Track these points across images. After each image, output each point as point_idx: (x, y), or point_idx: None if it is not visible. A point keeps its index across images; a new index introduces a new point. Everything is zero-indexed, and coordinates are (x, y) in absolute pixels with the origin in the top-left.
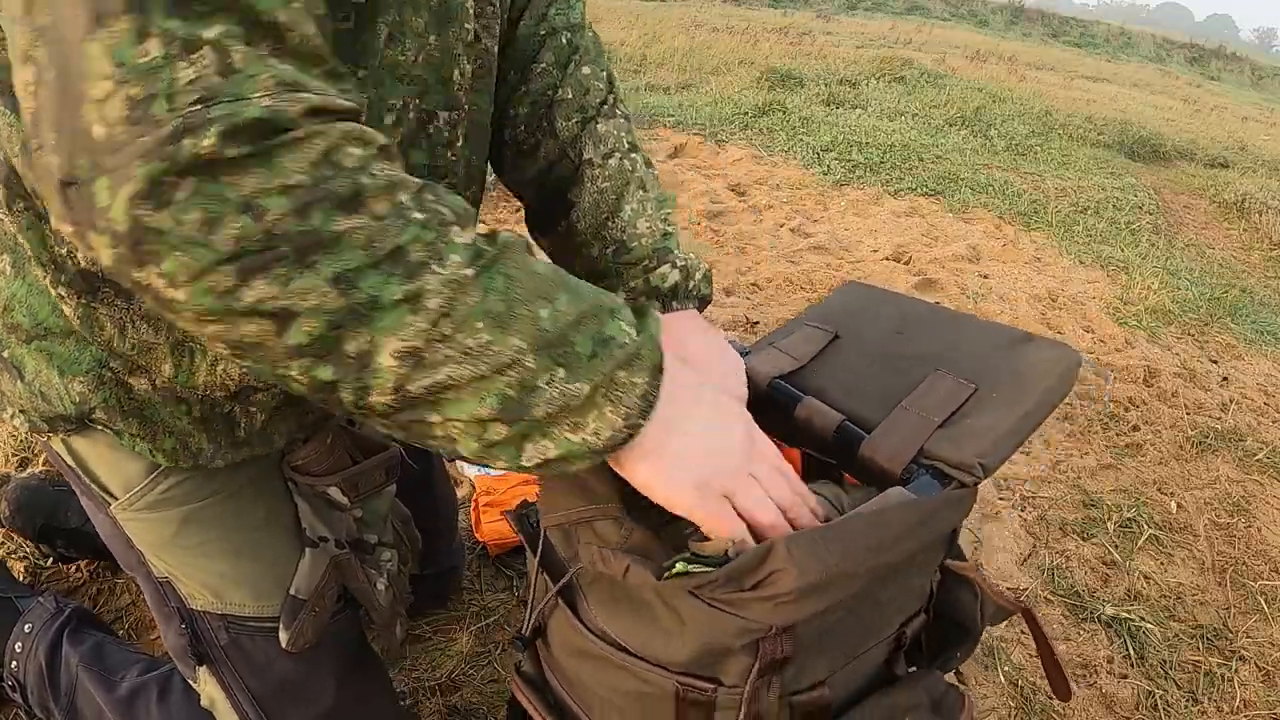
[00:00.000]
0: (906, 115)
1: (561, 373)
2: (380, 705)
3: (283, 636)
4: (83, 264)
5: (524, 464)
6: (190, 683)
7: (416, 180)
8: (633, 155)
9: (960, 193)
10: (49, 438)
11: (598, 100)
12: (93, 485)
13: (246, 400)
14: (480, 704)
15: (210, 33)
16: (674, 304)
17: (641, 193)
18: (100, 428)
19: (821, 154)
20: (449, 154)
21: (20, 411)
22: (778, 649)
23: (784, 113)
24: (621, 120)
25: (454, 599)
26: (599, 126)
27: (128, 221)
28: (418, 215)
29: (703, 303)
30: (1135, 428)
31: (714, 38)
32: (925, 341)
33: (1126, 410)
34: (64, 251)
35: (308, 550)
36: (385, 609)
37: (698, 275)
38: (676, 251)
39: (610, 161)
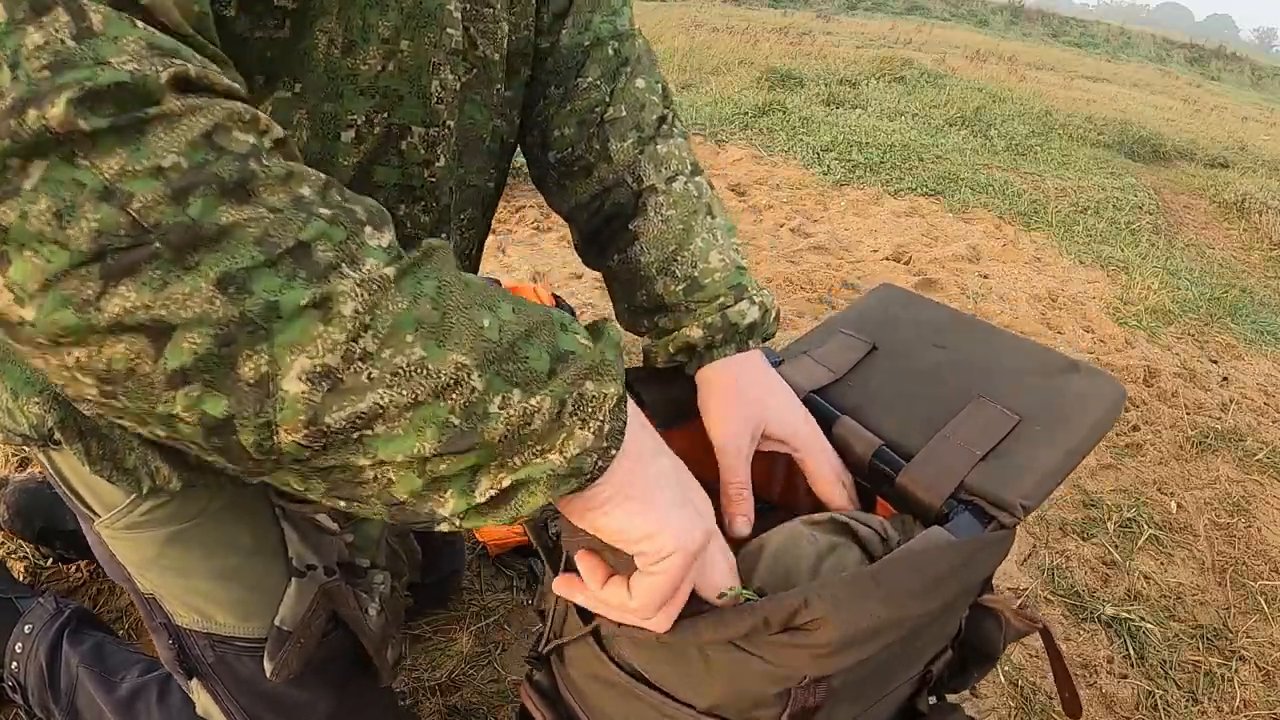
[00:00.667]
0: (906, 115)
1: (517, 393)
2: (377, 714)
3: (267, 666)
4: None
5: (476, 499)
6: (186, 691)
7: (320, 174)
8: (697, 179)
9: (960, 193)
10: (39, 451)
11: (655, 117)
12: (75, 501)
13: None
14: (480, 704)
15: None
16: (750, 343)
17: (710, 220)
18: (64, 445)
19: (821, 154)
20: (425, 173)
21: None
22: (810, 698)
23: (784, 113)
24: (681, 139)
25: (454, 599)
26: (659, 148)
27: None
28: (323, 210)
29: (767, 340)
30: (1135, 428)
31: (714, 38)
32: (965, 358)
33: (1126, 410)
34: None
35: (294, 580)
36: (376, 634)
37: (774, 312)
38: (752, 286)
39: (675, 186)
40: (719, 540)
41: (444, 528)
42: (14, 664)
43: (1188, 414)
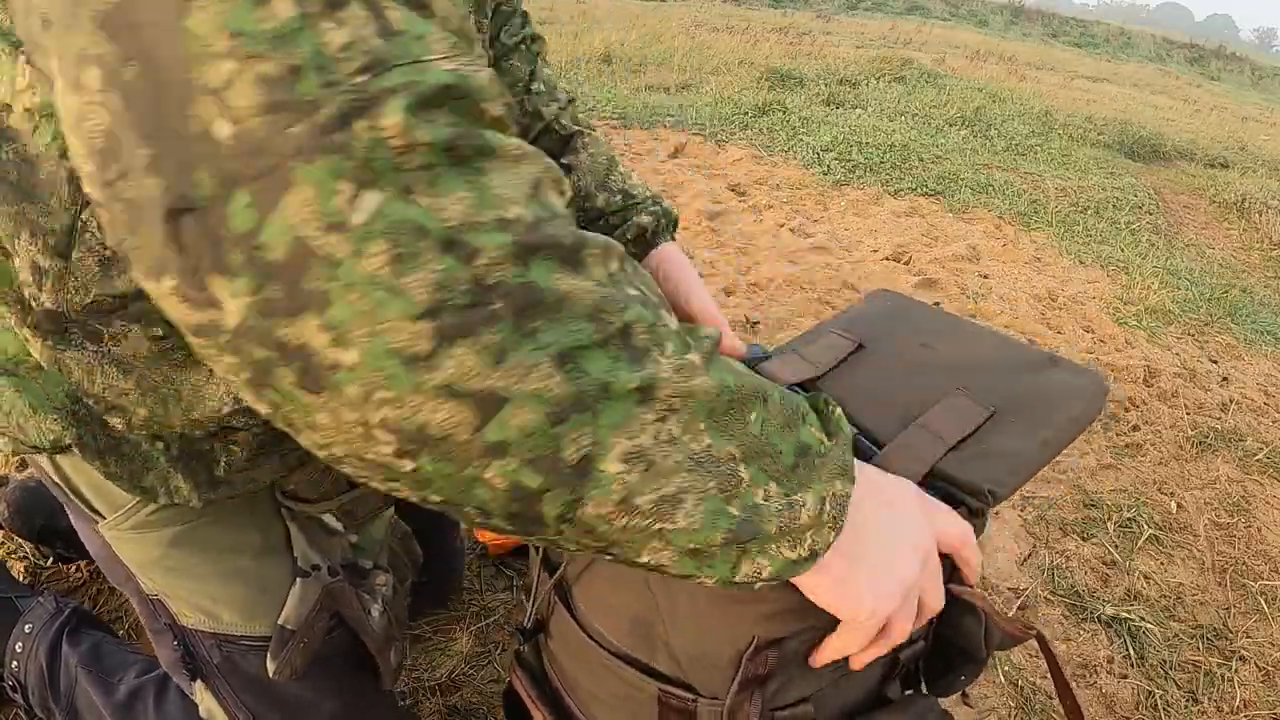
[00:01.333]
0: (906, 115)
1: (774, 486)
2: (379, 714)
3: (270, 666)
4: (48, 304)
5: (735, 580)
6: (188, 693)
7: (614, 241)
8: (598, 134)
9: (960, 193)
10: (37, 456)
11: (564, 95)
12: (79, 503)
13: (227, 439)
14: (480, 704)
15: None
16: (671, 234)
17: (618, 160)
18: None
19: (821, 154)
20: None
21: (1, 434)
22: (761, 665)
23: (784, 113)
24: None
25: (454, 600)
26: (574, 110)
27: (287, 246)
28: (632, 290)
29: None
30: (1135, 428)
31: (714, 38)
32: (949, 356)
33: (1126, 410)
34: (28, 293)
35: (299, 580)
36: (379, 635)
37: (657, 217)
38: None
39: (596, 133)
40: (933, 574)
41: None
42: (14, 664)
43: (1188, 414)
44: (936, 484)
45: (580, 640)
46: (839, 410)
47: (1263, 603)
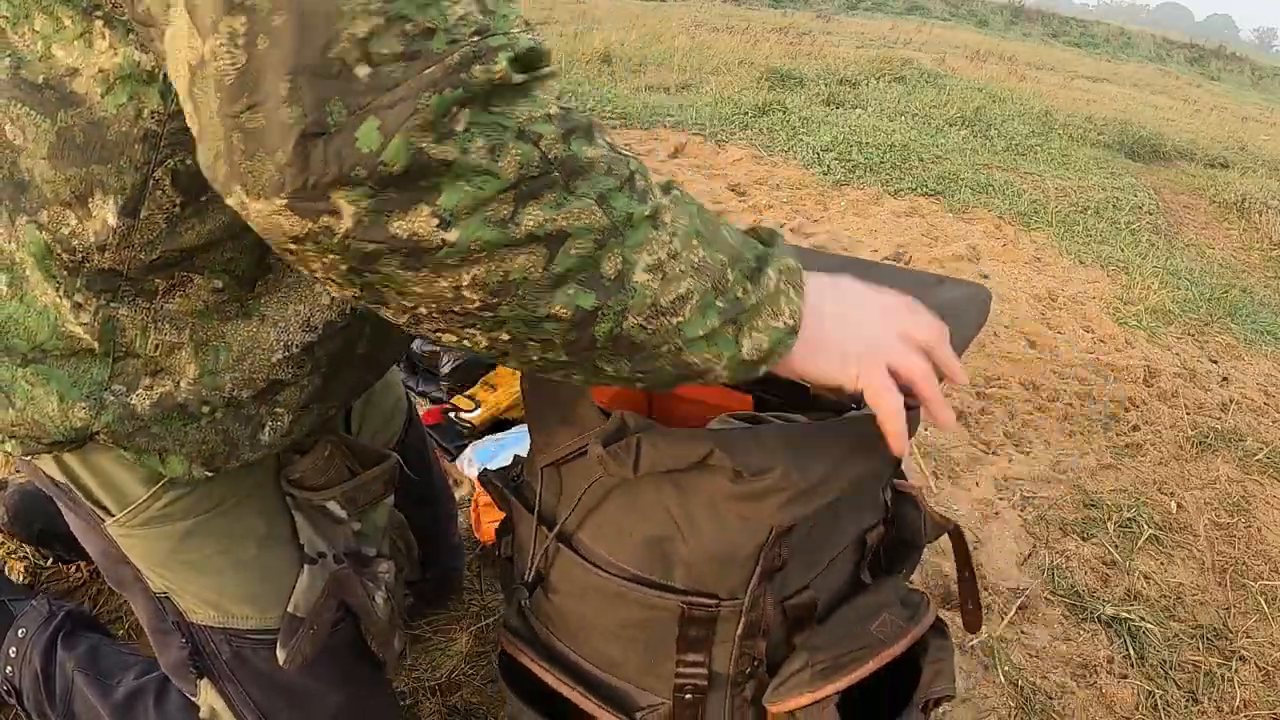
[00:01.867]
0: (906, 115)
1: (749, 283)
2: (380, 711)
3: (280, 655)
4: (107, 264)
5: (743, 357)
6: (189, 695)
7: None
8: None
9: (960, 193)
10: (38, 458)
11: None
12: (86, 502)
13: (273, 400)
14: (480, 704)
15: None
16: None
17: None
18: (102, 446)
19: (821, 154)
20: None
21: (10, 437)
22: (777, 556)
23: (784, 113)
24: None
25: (454, 599)
26: None
27: (407, 159)
28: (625, 153)
29: None
30: (1135, 428)
31: (714, 38)
32: None
33: (1126, 410)
34: (78, 259)
35: (306, 567)
36: (383, 622)
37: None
38: None
39: None
40: (912, 316)
41: (714, 382)
42: (9, 668)
43: (1188, 414)
44: None
45: (589, 577)
46: (773, 229)
47: (1263, 603)
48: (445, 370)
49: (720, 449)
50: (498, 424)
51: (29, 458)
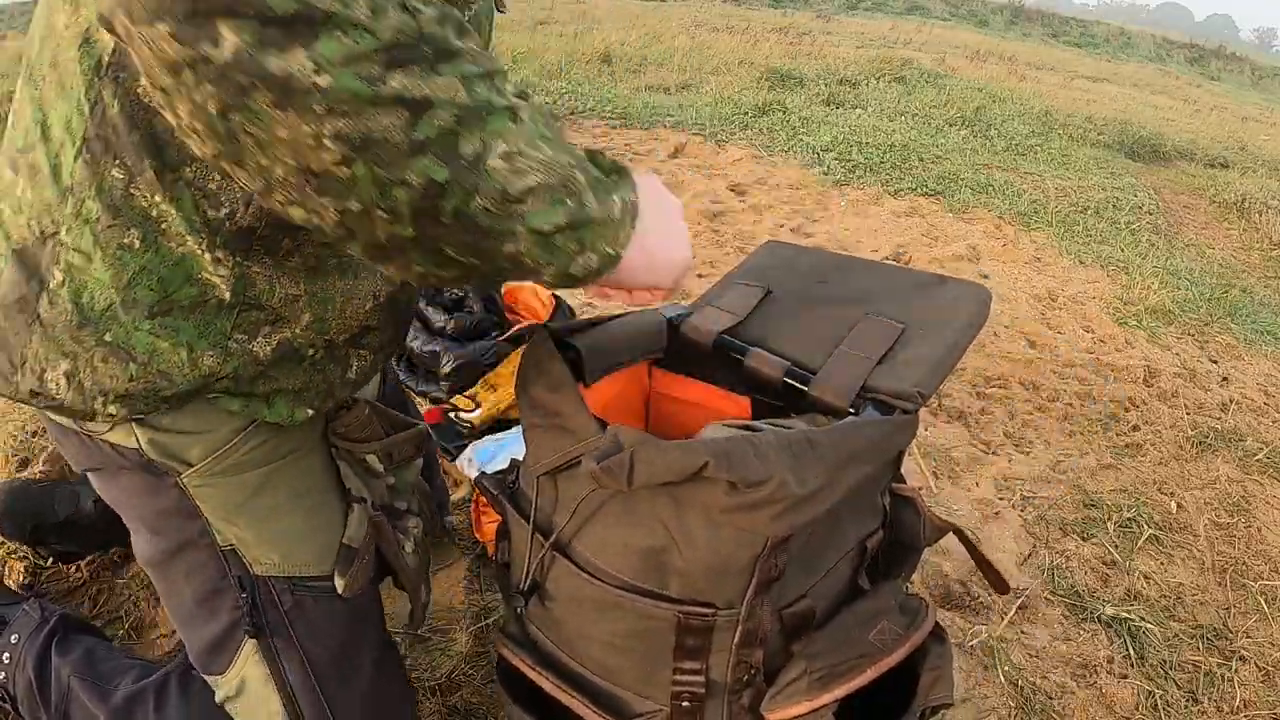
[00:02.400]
0: (906, 115)
1: (598, 191)
2: (398, 664)
3: (339, 583)
4: (245, 222)
5: (570, 272)
6: (213, 680)
7: None
8: None
9: (960, 193)
10: (113, 427)
11: None
12: (161, 459)
13: (360, 342)
14: (480, 704)
15: None
16: None
17: None
18: (213, 396)
19: (821, 154)
20: None
21: (118, 398)
22: (773, 566)
23: (784, 113)
24: None
25: (450, 598)
26: None
27: (295, 3)
28: (491, 56)
29: None
30: (1135, 428)
31: (714, 38)
32: (848, 288)
33: (1126, 410)
34: (221, 215)
35: (355, 506)
36: (412, 571)
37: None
38: None
39: None
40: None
41: (541, 284)
42: (1, 675)
43: (1188, 414)
44: (869, 396)
45: (585, 586)
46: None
47: (1263, 603)
48: (445, 370)
49: (715, 460)
50: (498, 424)
51: (95, 428)
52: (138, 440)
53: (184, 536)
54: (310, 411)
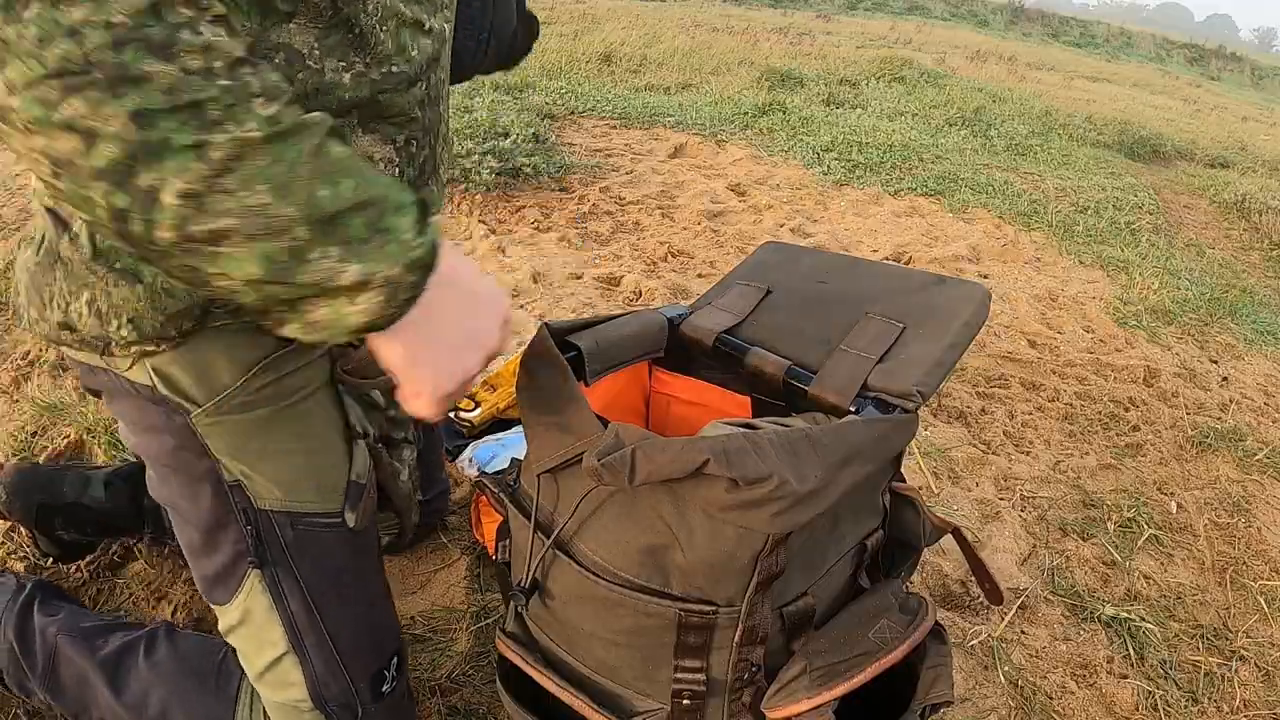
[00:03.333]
0: (906, 115)
1: (335, 250)
2: (397, 627)
3: (349, 517)
4: None
5: (308, 322)
6: (218, 609)
7: (239, 51)
8: None
9: (960, 193)
10: (128, 361)
11: None
12: (173, 396)
13: None
14: (480, 704)
15: None
16: None
17: None
18: (217, 322)
19: (821, 154)
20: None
21: (129, 320)
22: (774, 564)
23: (784, 113)
24: None
25: (450, 598)
26: None
27: None
28: (224, 81)
29: None
30: (1135, 428)
31: (714, 38)
32: (847, 288)
33: (1126, 410)
34: None
35: (359, 442)
36: (405, 494)
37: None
38: None
39: None
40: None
41: (291, 336)
42: None
43: (1188, 414)
44: (869, 395)
45: (586, 584)
46: (434, 219)
47: (1263, 603)
48: None
49: (716, 458)
50: (498, 424)
51: (116, 363)
52: (151, 377)
53: (194, 472)
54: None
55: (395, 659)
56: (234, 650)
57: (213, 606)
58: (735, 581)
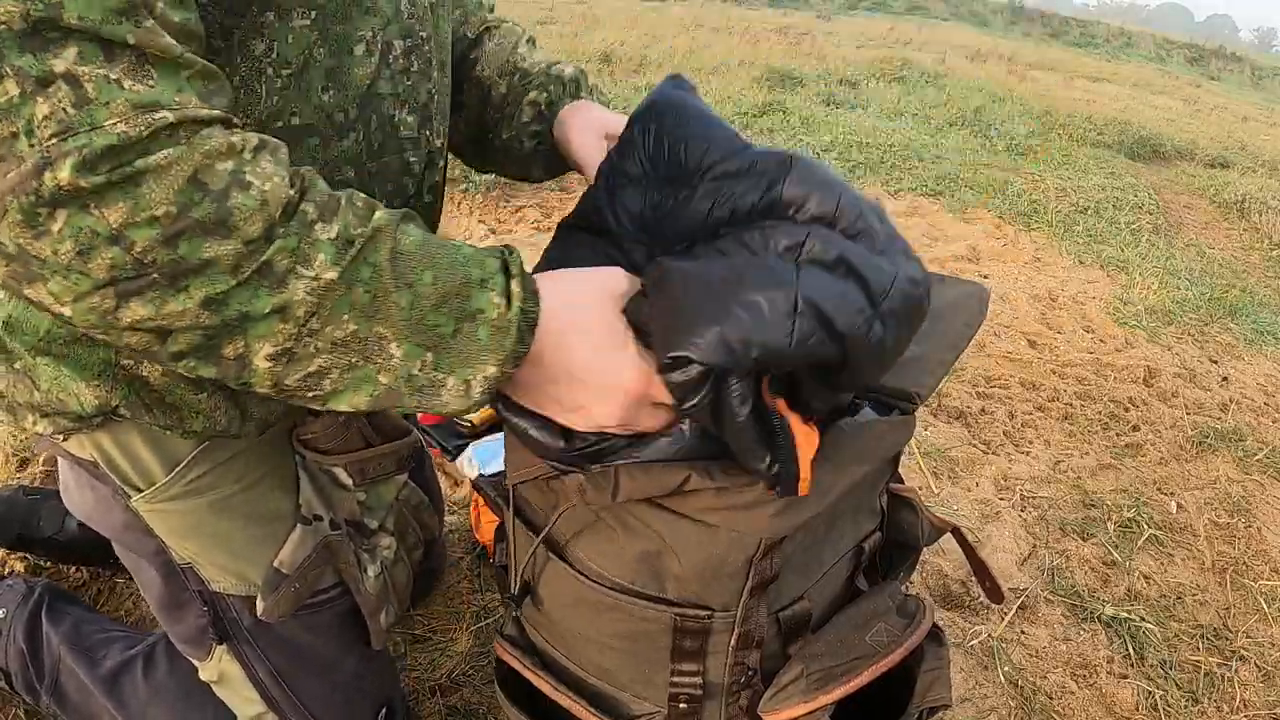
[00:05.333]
0: (906, 115)
1: (430, 356)
2: (387, 671)
3: (259, 605)
4: None
5: (437, 409)
6: (196, 663)
7: (289, 188)
8: (517, 25)
9: (960, 193)
10: (66, 437)
11: (487, 9)
12: (113, 478)
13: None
14: (480, 704)
15: (61, 64)
16: (581, 94)
17: (531, 44)
18: (128, 419)
19: (821, 154)
20: (408, 80)
21: (43, 416)
22: (768, 568)
23: (784, 113)
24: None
25: (450, 598)
26: (484, 11)
27: (14, 247)
28: (280, 230)
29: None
30: (1135, 428)
31: (714, 38)
32: None
33: (1126, 410)
34: None
35: (299, 527)
36: (371, 596)
37: (585, 74)
38: (562, 62)
39: (504, 26)
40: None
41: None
42: None
43: (1188, 414)
44: (868, 396)
45: (581, 588)
46: (524, 269)
47: (1263, 603)
48: None
49: (698, 474)
50: (498, 424)
51: (59, 436)
52: (93, 454)
53: (145, 549)
54: (230, 422)
55: (385, 710)
56: None
57: (193, 662)
58: (729, 585)
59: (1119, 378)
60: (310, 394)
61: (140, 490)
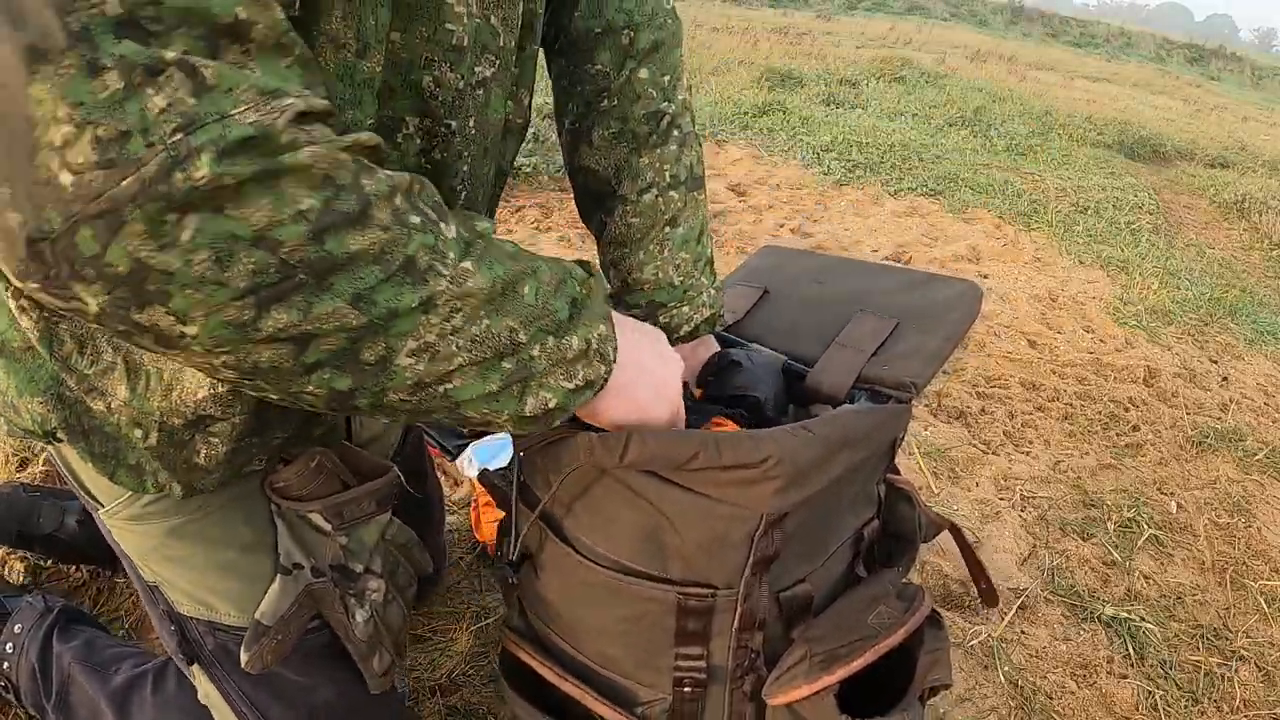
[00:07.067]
0: (906, 115)
1: (551, 339)
2: (377, 702)
3: (243, 657)
4: None
5: (525, 414)
6: (188, 675)
7: (403, 175)
8: (671, 193)
9: (960, 193)
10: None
11: (645, 112)
12: (80, 491)
13: (205, 429)
14: (480, 704)
15: (172, 51)
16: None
17: (668, 231)
18: (64, 443)
19: (821, 154)
20: (423, 161)
21: (6, 421)
22: (769, 544)
23: (784, 113)
24: (672, 149)
25: (437, 598)
26: (641, 159)
27: (129, 265)
28: (415, 219)
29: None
30: (1135, 428)
31: (714, 38)
32: (843, 287)
33: (1126, 410)
34: None
35: (279, 577)
36: (362, 641)
37: (697, 319)
38: (675, 301)
39: (644, 199)
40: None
41: (497, 430)
42: (5, 664)
43: (1188, 414)
44: (865, 387)
45: (585, 572)
46: (596, 269)
47: (1263, 603)
48: None
49: (705, 450)
50: None
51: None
52: (59, 464)
53: (122, 557)
54: (156, 489)
55: None
56: None
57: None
58: (731, 560)
59: (1119, 378)
60: (443, 388)
61: (102, 505)
